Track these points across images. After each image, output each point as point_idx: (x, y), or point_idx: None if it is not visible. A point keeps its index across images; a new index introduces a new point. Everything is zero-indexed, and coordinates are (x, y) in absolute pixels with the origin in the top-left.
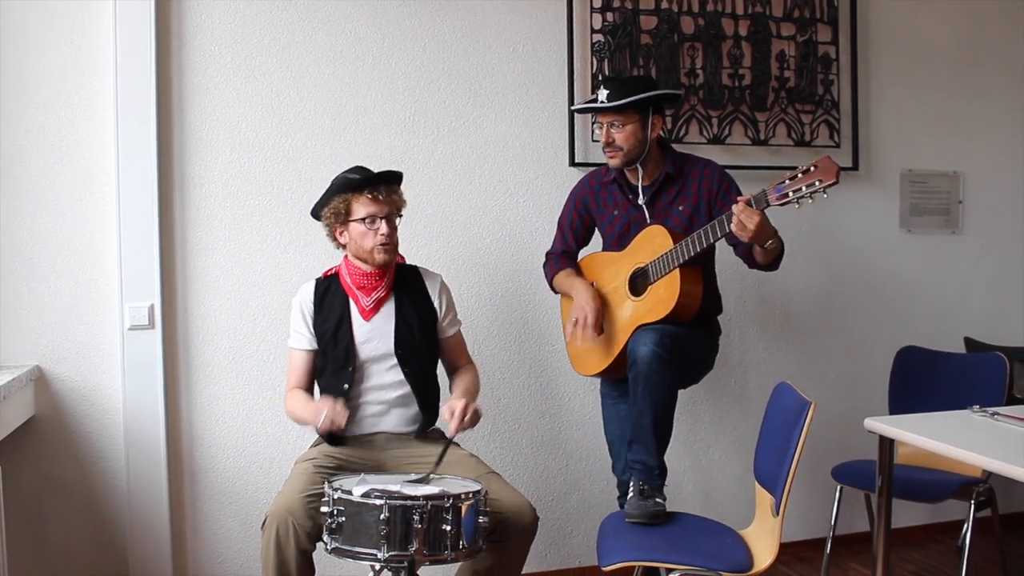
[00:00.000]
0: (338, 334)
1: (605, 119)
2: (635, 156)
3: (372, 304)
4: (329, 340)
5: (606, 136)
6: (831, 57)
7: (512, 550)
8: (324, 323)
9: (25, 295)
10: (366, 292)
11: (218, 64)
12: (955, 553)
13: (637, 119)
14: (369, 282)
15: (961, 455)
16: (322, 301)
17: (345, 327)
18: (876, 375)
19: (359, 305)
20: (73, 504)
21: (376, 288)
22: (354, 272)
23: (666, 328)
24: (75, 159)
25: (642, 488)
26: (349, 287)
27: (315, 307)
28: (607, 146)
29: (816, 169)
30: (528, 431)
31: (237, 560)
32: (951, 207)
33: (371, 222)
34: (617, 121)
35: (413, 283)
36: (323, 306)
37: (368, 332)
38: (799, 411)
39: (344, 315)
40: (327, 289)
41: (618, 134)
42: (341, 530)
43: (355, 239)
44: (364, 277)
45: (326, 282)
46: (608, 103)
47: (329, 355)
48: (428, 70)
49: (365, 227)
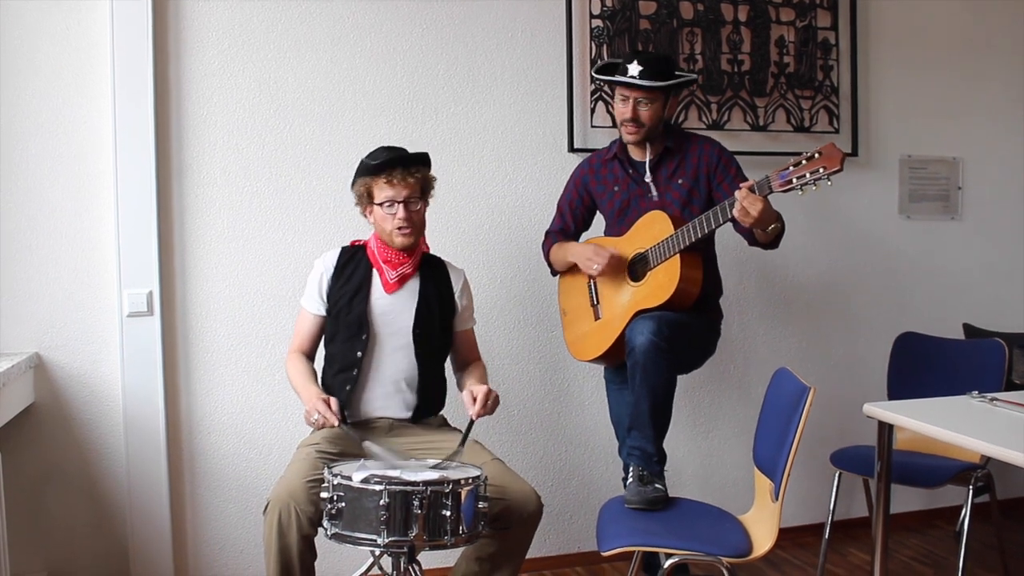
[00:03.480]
0: (354, 301)
1: (633, 94)
2: (653, 134)
3: (396, 278)
4: (344, 306)
5: (632, 111)
6: (830, 43)
7: (516, 537)
8: (341, 288)
9: (24, 282)
10: (392, 266)
11: (216, 50)
12: (953, 538)
13: (662, 98)
14: (396, 258)
15: (960, 440)
16: (344, 268)
17: (362, 295)
18: (875, 361)
19: (383, 277)
20: (73, 491)
21: (402, 264)
22: (381, 247)
23: (664, 316)
24: (73, 146)
25: (641, 474)
26: (376, 260)
27: (335, 273)
28: (631, 121)
29: (820, 156)
30: (528, 416)
31: (237, 545)
32: (950, 193)
33: (389, 206)
34: (646, 99)
35: (438, 273)
36: (343, 273)
37: (388, 305)
38: (798, 396)
39: (364, 284)
40: (351, 258)
41: (645, 111)
42: (341, 516)
43: (378, 222)
44: (391, 253)
45: (351, 251)
46: (643, 80)
47: (342, 321)
48: (426, 55)
49: (384, 211)
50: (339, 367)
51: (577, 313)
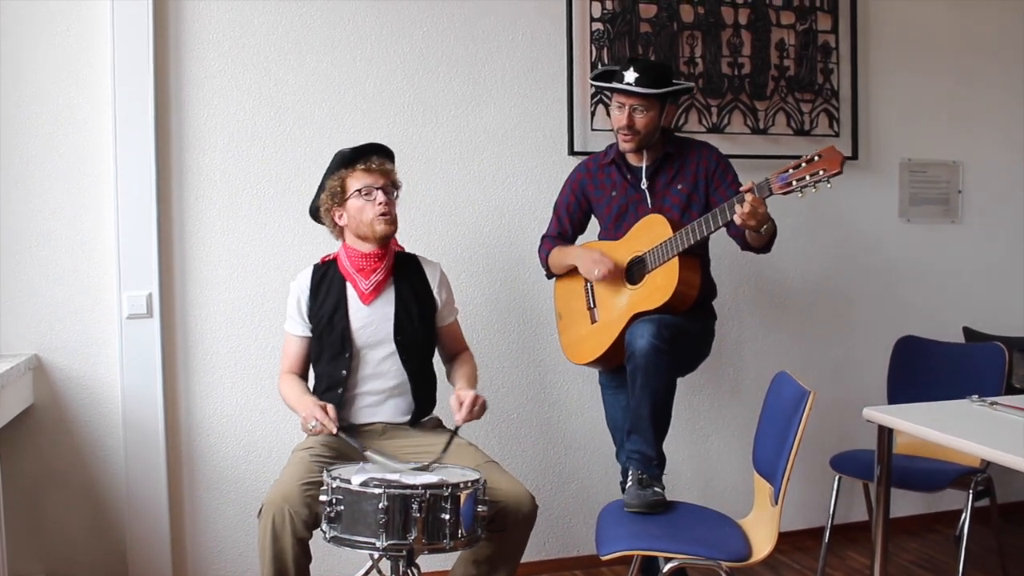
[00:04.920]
0: (334, 319)
1: (629, 101)
2: (648, 141)
3: (371, 288)
4: (325, 326)
5: (628, 119)
6: (831, 46)
7: (511, 539)
8: (320, 309)
9: (23, 284)
10: (364, 275)
11: (216, 52)
12: (953, 543)
13: (658, 106)
14: (368, 263)
15: (960, 444)
16: (318, 287)
17: (341, 312)
18: (875, 364)
19: (358, 289)
20: (72, 492)
21: (375, 270)
22: (352, 255)
23: (663, 319)
24: (73, 148)
25: (640, 478)
26: (347, 271)
27: (311, 293)
28: (626, 128)
29: (820, 159)
30: (526, 420)
31: (235, 548)
32: (951, 196)
33: (367, 193)
34: (641, 106)
35: (412, 271)
36: (319, 292)
37: (366, 317)
38: (798, 400)
39: (341, 300)
40: (324, 275)
41: (640, 119)
42: (340, 519)
43: (353, 215)
44: (363, 259)
45: (323, 268)
46: (638, 87)
47: (325, 340)
48: (427, 58)
49: (362, 200)
50: (326, 386)
51: (573, 316)
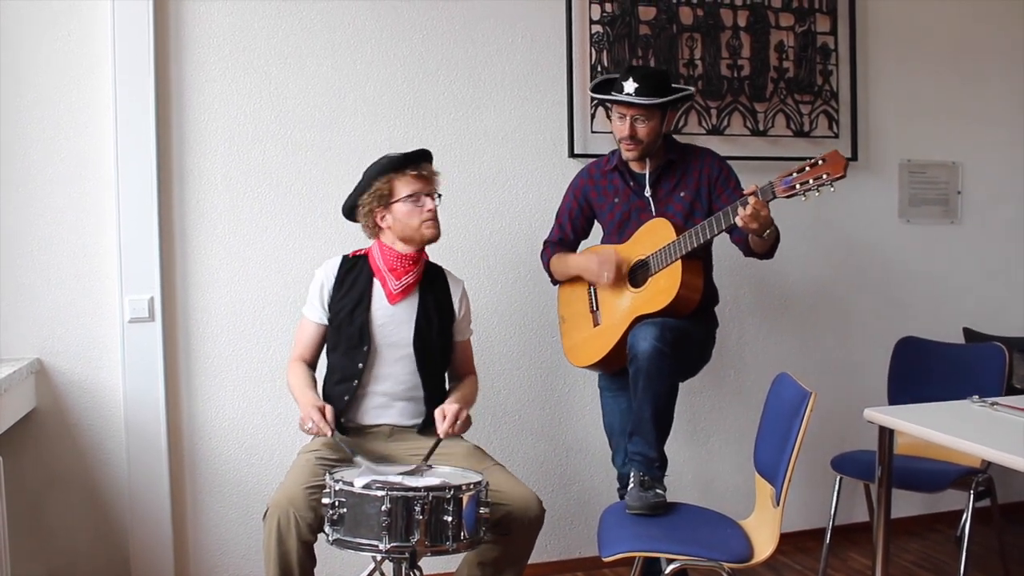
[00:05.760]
0: (355, 312)
1: (630, 112)
2: (651, 149)
3: (400, 288)
4: (345, 317)
5: (629, 129)
6: (830, 47)
7: (518, 542)
8: (342, 300)
9: (25, 288)
10: (396, 275)
11: (217, 56)
12: (954, 543)
13: (659, 114)
14: (402, 264)
15: (960, 445)
16: (344, 278)
17: (363, 307)
18: (875, 365)
19: (386, 287)
20: (74, 496)
21: (408, 272)
22: (388, 253)
23: (667, 322)
24: (74, 152)
25: (642, 479)
26: (379, 268)
27: (336, 283)
28: (629, 139)
29: (824, 163)
30: (528, 422)
31: (238, 551)
32: (950, 197)
33: (416, 200)
34: (642, 116)
35: (438, 282)
36: (344, 283)
37: (389, 316)
38: (799, 402)
39: (365, 295)
40: (352, 267)
41: (642, 128)
42: (343, 521)
43: (400, 219)
44: (398, 259)
45: (353, 261)
46: (639, 98)
47: (343, 332)
48: (427, 61)
49: (411, 205)
50: (339, 377)
51: (576, 320)
